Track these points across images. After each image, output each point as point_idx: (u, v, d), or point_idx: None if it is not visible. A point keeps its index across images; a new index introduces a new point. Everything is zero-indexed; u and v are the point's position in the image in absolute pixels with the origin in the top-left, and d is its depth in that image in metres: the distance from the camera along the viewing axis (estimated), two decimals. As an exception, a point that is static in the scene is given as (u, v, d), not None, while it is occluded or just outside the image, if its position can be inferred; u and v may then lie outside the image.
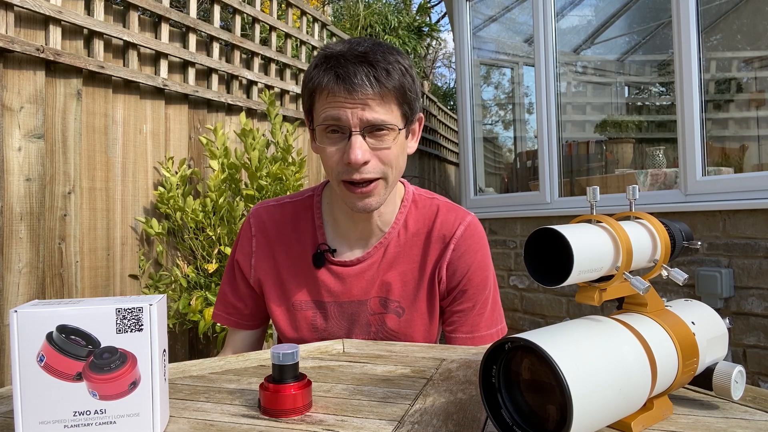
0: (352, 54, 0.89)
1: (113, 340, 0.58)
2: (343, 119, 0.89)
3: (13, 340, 0.56)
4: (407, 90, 0.93)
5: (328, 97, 0.90)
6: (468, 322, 1.05)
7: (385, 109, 0.90)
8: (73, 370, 0.57)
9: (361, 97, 0.88)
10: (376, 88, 0.88)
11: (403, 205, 1.07)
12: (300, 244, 1.07)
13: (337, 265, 1.05)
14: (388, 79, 0.89)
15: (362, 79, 0.87)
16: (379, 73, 0.88)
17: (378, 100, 0.89)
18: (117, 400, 0.58)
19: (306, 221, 1.08)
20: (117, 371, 0.58)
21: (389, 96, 0.90)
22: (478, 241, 1.07)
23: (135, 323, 0.58)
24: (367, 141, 0.91)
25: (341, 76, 0.88)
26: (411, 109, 0.96)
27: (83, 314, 0.57)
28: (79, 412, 0.57)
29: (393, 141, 0.92)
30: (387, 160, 0.93)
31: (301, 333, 1.07)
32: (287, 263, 1.07)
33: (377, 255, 1.05)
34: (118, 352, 0.58)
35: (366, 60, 0.89)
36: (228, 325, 1.13)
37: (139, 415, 0.59)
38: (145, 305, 0.58)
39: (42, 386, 0.57)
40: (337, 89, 0.88)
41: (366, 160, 0.90)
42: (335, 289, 1.04)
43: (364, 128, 0.90)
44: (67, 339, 0.57)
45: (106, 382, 0.58)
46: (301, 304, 1.06)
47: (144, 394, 0.59)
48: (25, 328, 0.56)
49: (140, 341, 0.58)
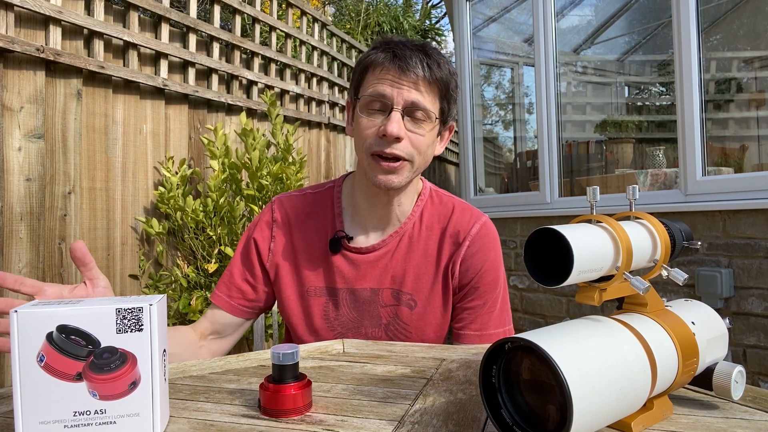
0: (411, 43, 0.98)
1: (113, 340, 0.58)
2: (388, 95, 0.95)
3: (13, 340, 0.56)
4: (450, 89, 1.00)
5: (381, 72, 0.96)
6: (478, 320, 1.07)
7: (430, 97, 0.97)
8: (73, 370, 0.57)
9: (412, 78, 0.94)
10: (427, 73, 0.95)
11: (420, 199, 1.11)
12: (318, 232, 1.10)
13: (352, 251, 1.07)
14: (439, 70, 0.97)
15: (416, 63, 0.94)
16: (432, 62, 0.96)
17: (425, 86, 0.96)
18: (117, 400, 0.58)
19: (326, 210, 1.11)
20: (117, 371, 0.58)
21: (435, 86, 0.97)
22: (492, 240, 1.10)
23: (135, 323, 0.58)
24: (405, 122, 0.96)
25: (398, 55, 0.95)
26: (448, 109, 1.02)
27: (83, 314, 0.57)
28: (79, 412, 0.57)
29: (427, 129, 0.98)
30: (417, 145, 0.97)
31: (312, 321, 1.08)
32: (304, 249, 1.09)
33: (392, 244, 1.07)
34: (118, 352, 0.58)
35: (423, 50, 0.97)
36: (226, 308, 1.10)
37: (139, 415, 0.59)
38: (145, 305, 0.58)
39: (42, 386, 0.57)
40: (392, 66, 0.95)
41: (400, 135, 0.94)
42: (349, 275, 1.06)
43: (405, 108, 0.95)
44: (67, 339, 0.57)
45: (106, 382, 0.58)
46: (315, 290, 1.08)
47: (144, 394, 0.59)
48: (25, 328, 0.56)
49: (140, 341, 0.58)
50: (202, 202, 2.33)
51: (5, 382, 1.75)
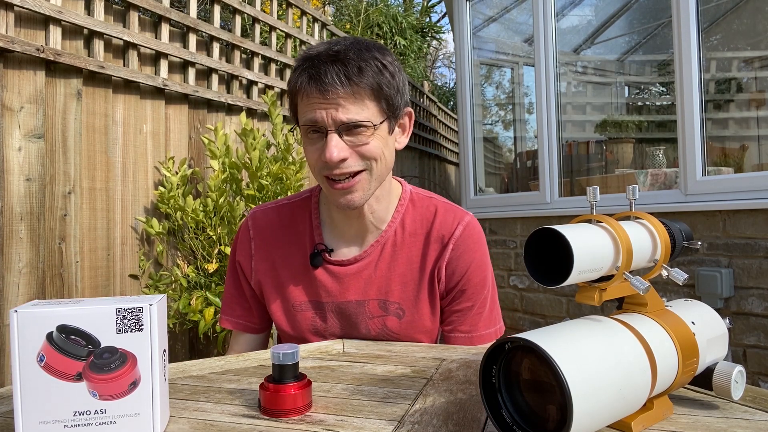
0: (327, 54, 0.91)
1: (113, 340, 0.58)
2: (319, 120, 0.91)
3: (13, 340, 0.56)
4: (383, 86, 0.92)
5: (304, 99, 0.92)
6: (467, 322, 1.05)
7: (359, 107, 0.91)
8: (74, 370, 0.57)
9: (332, 96, 0.89)
10: (347, 86, 0.89)
11: (400, 204, 1.07)
12: (297, 245, 1.07)
13: (334, 264, 1.04)
14: (360, 76, 0.90)
15: (332, 78, 0.88)
16: (350, 70, 0.89)
17: (350, 98, 0.90)
18: (117, 400, 0.58)
19: (303, 222, 1.08)
20: (117, 371, 0.58)
21: (362, 93, 0.91)
22: (477, 240, 1.07)
23: (135, 323, 0.58)
24: (344, 139, 0.92)
25: (313, 76, 0.90)
26: (391, 105, 0.95)
27: (83, 314, 0.57)
28: (79, 412, 0.57)
29: (370, 137, 0.93)
30: (367, 155, 0.93)
31: (302, 334, 1.07)
32: (285, 264, 1.07)
33: (374, 254, 1.04)
34: (118, 352, 0.58)
35: (338, 59, 0.90)
36: (236, 329, 1.13)
37: (139, 415, 0.59)
38: (145, 305, 0.58)
39: (42, 386, 0.57)
40: (311, 90, 0.90)
41: (342, 158, 0.91)
42: (332, 289, 1.04)
43: (338, 127, 0.91)
44: (67, 339, 0.57)
45: (106, 382, 0.58)
46: (300, 305, 1.06)
47: (144, 394, 0.59)
48: (25, 328, 0.56)
49: (140, 341, 0.58)
50: (202, 202, 2.33)
51: (5, 382, 1.75)
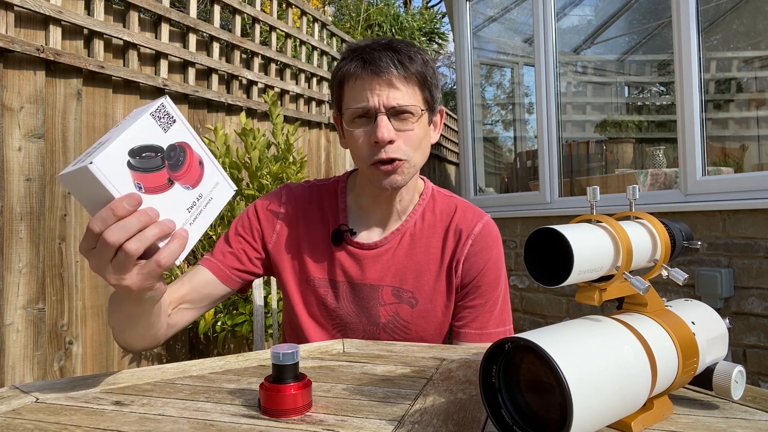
0: (377, 44, 0.98)
1: (165, 139, 0.63)
2: (369, 104, 0.95)
3: (110, 188, 0.58)
4: (428, 77, 1.00)
5: (356, 82, 0.97)
6: (479, 319, 1.07)
7: (409, 92, 0.97)
8: (164, 180, 0.63)
9: (386, 77, 0.95)
10: (401, 70, 0.96)
11: (422, 198, 1.12)
12: (322, 223, 1.11)
13: (354, 246, 1.08)
14: (412, 64, 0.97)
15: (387, 62, 0.95)
16: (402, 57, 0.96)
17: (403, 82, 0.96)
18: (201, 182, 0.66)
19: (330, 202, 1.13)
20: (188, 160, 0.65)
21: (412, 79, 0.98)
22: (495, 239, 1.11)
23: (168, 118, 0.64)
24: (392, 123, 0.96)
25: (368, 60, 0.96)
26: (432, 97, 1.02)
27: (135, 134, 0.61)
28: (188, 208, 0.65)
29: (416, 123, 0.98)
30: (411, 142, 0.98)
31: (312, 309, 1.09)
32: (307, 239, 1.10)
33: (394, 241, 1.08)
34: (177, 146, 0.64)
35: (390, 47, 0.97)
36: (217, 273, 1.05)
37: (218, 184, 0.69)
38: (162, 100, 0.64)
39: (158, 209, 0.62)
40: (364, 73, 0.96)
41: (392, 138, 0.95)
42: (350, 270, 1.07)
43: (388, 110, 0.96)
44: (142, 159, 0.61)
45: (187, 172, 0.65)
46: (316, 280, 1.08)
47: (211, 166, 0.68)
48: (109, 170, 0.59)
49: (180, 130, 0.65)
50: (202, 202, 2.33)
51: (5, 382, 1.75)
